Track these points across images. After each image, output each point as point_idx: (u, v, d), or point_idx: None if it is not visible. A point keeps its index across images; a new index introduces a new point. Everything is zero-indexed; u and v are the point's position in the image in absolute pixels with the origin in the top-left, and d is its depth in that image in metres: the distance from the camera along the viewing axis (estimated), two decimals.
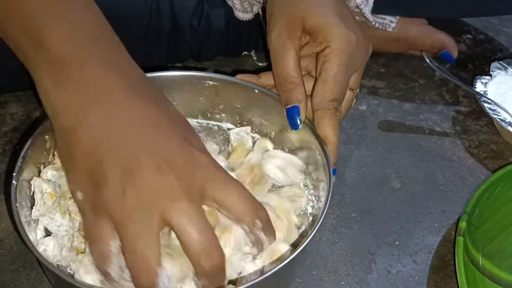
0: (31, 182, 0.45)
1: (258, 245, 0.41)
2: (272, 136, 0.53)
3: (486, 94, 0.64)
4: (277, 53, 0.49)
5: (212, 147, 0.52)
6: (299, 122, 0.48)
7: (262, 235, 0.40)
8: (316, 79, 0.49)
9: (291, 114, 0.48)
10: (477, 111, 0.67)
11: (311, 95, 0.49)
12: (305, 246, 0.41)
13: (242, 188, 0.40)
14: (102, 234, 0.37)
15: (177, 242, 0.38)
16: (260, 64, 0.72)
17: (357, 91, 0.51)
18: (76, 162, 0.38)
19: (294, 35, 0.49)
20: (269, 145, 0.52)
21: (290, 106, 0.48)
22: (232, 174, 0.47)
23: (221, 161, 0.50)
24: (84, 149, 0.38)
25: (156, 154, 0.37)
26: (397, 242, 0.52)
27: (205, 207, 0.38)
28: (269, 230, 0.41)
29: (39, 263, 0.46)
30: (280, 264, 0.39)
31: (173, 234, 0.38)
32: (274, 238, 0.41)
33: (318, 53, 0.49)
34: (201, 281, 0.38)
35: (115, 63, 0.41)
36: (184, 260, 0.39)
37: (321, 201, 0.47)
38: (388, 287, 0.49)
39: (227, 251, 0.41)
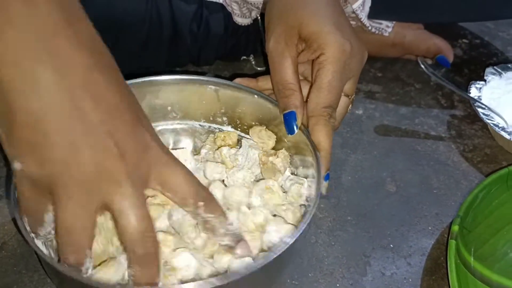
0: None
1: (207, 228, 0.42)
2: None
3: (480, 99, 0.65)
4: (275, 61, 0.50)
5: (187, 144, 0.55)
6: (295, 128, 0.49)
7: (206, 215, 0.41)
8: (311, 86, 0.50)
9: (288, 120, 0.49)
10: (472, 116, 0.68)
11: (306, 101, 0.50)
12: (292, 244, 0.41)
13: (186, 171, 0.40)
14: (38, 208, 0.38)
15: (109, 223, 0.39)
16: (258, 68, 0.73)
17: (352, 97, 0.52)
18: (17, 128, 0.35)
19: (291, 43, 0.50)
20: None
21: (287, 111, 0.49)
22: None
23: (193, 160, 0.52)
24: (28, 118, 0.35)
25: (110, 134, 0.36)
26: (391, 245, 0.53)
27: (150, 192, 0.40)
28: (212, 208, 0.41)
29: (41, 264, 0.47)
30: (266, 260, 0.40)
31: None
32: (223, 217, 0.42)
33: (313, 60, 0.50)
34: (133, 269, 0.38)
35: (67, 21, 0.36)
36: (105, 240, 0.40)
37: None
38: None
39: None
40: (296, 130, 0.49)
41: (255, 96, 0.52)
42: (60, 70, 0.35)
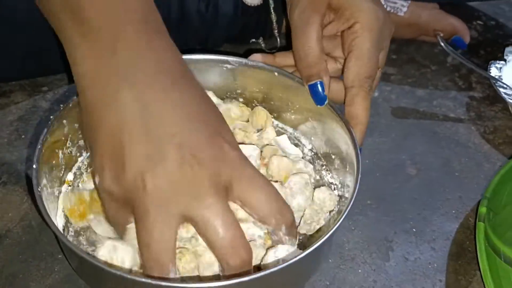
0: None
1: (277, 242, 0.40)
2: (292, 118, 0.52)
3: (501, 79, 0.63)
4: (299, 28, 0.47)
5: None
6: (324, 97, 0.46)
7: (285, 238, 0.39)
8: (346, 57, 0.48)
9: (315, 90, 0.46)
10: (491, 97, 0.66)
11: (342, 73, 0.47)
12: (331, 234, 0.40)
13: (270, 188, 0.38)
14: (121, 221, 0.37)
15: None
16: (268, 51, 0.70)
17: (381, 69, 0.50)
18: (98, 143, 0.36)
19: (319, 10, 0.47)
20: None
21: (312, 82, 0.46)
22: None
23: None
24: (108, 130, 0.36)
25: (183, 146, 0.35)
26: (414, 229, 0.51)
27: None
28: (293, 233, 0.39)
29: (60, 246, 0.45)
30: (303, 253, 0.38)
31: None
32: (295, 240, 0.40)
33: (344, 31, 0.48)
34: (226, 275, 0.36)
35: (151, 44, 0.38)
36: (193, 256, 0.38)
37: (348, 186, 0.46)
38: (407, 274, 0.47)
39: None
40: (326, 100, 0.46)
41: (276, 74, 0.50)
42: (138, 89, 0.36)
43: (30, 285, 0.44)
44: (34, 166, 0.41)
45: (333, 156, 0.49)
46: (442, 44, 0.63)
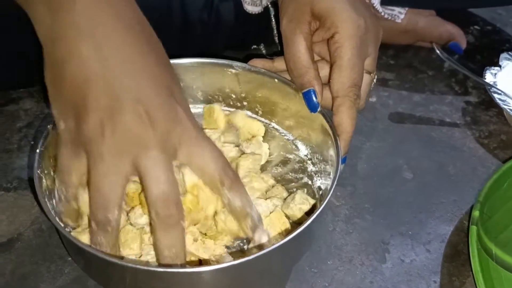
0: None
1: (232, 211, 0.42)
2: (291, 125, 0.53)
3: (496, 85, 0.64)
4: (287, 39, 0.49)
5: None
6: (317, 104, 0.48)
7: (230, 195, 0.41)
8: (331, 66, 0.49)
9: (308, 98, 0.48)
10: (486, 102, 0.68)
11: (328, 82, 0.49)
12: (309, 224, 0.41)
13: (214, 149, 0.41)
14: (72, 165, 0.40)
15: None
16: (268, 57, 0.72)
17: (374, 74, 0.52)
18: (62, 93, 0.39)
19: (304, 20, 0.49)
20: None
21: (305, 90, 0.48)
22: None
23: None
24: (72, 82, 0.39)
25: (139, 101, 0.38)
26: (410, 232, 0.53)
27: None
28: (237, 188, 0.41)
29: (65, 245, 0.47)
30: (284, 239, 0.40)
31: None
32: (246, 197, 0.42)
33: (328, 39, 0.49)
34: (156, 232, 0.39)
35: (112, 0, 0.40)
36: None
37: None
38: (402, 275, 0.49)
39: None
40: (318, 107, 0.48)
41: (276, 80, 0.52)
42: (97, 43, 0.39)
43: (40, 286, 0.46)
44: (37, 150, 0.44)
45: (323, 162, 0.51)
46: (438, 51, 0.65)
